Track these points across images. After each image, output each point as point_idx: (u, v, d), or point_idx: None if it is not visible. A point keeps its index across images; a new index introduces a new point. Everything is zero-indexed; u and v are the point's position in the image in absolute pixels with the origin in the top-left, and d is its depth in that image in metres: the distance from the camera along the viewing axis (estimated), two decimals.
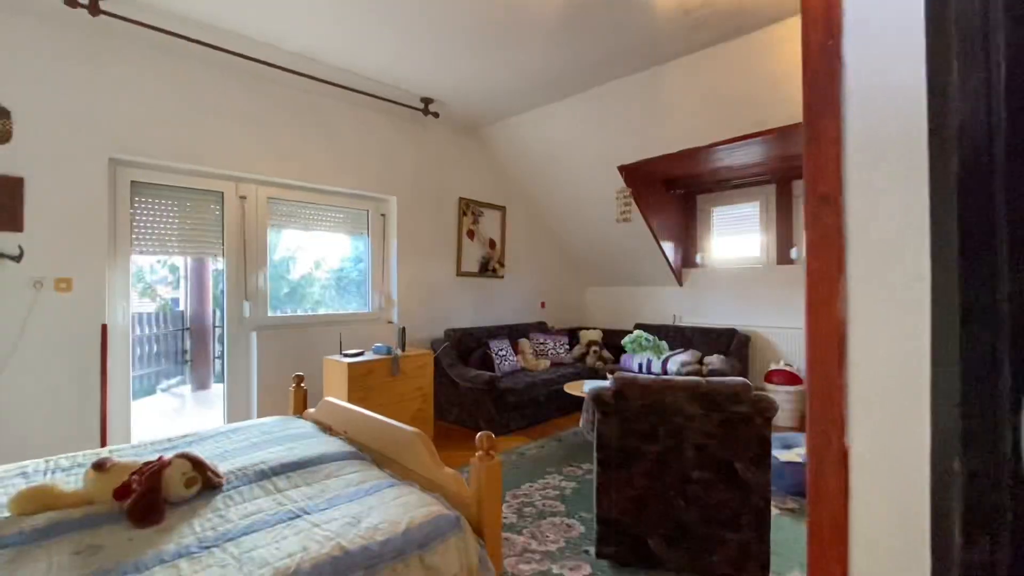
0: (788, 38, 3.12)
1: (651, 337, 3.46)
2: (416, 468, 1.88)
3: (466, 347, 4.61)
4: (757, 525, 2.03)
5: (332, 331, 3.99)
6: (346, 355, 3.53)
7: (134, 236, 3.23)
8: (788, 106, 3.52)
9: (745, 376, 4.83)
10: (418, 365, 3.73)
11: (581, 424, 2.44)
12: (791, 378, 4.43)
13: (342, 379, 3.34)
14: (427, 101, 4.16)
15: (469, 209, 5.00)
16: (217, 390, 5.18)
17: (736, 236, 5.43)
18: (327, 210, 4.16)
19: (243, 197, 3.67)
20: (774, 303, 4.96)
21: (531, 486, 2.99)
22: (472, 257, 5.08)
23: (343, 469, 1.87)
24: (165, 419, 4.97)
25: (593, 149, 4.61)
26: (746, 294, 5.16)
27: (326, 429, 2.43)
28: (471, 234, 5.04)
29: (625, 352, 4.96)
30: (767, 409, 2.03)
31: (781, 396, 4.41)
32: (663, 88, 3.76)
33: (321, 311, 4.19)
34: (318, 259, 4.25)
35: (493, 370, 4.38)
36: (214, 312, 5.89)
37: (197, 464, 1.68)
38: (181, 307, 6.24)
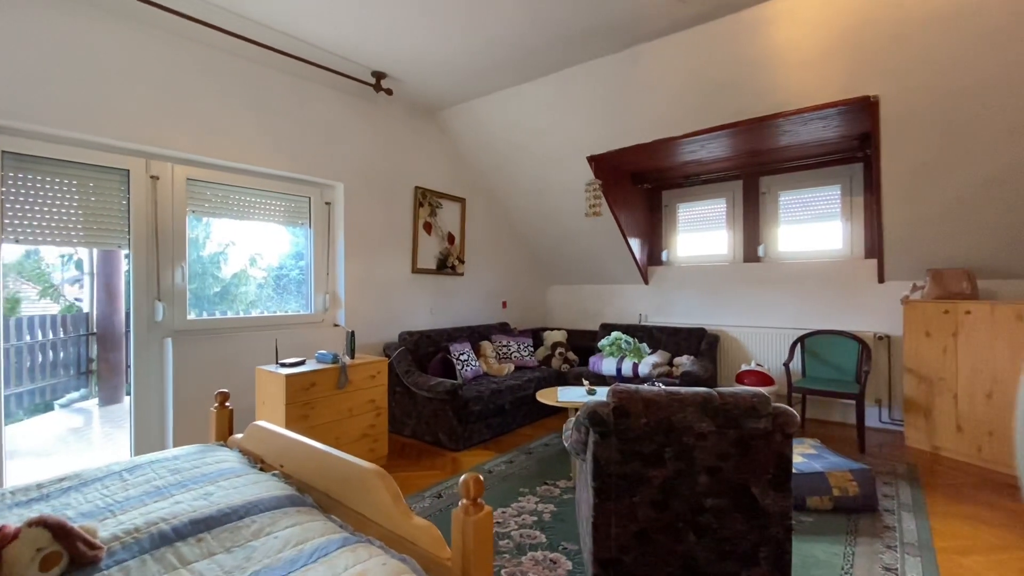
0: (773, 20, 2.92)
1: (631, 340, 3.18)
2: (375, 517, 1.46)
3: (424, 352, 4.17)
4: (777, 558, 1.77)
5: (267, 337, 3.44)
6: (284, 365, 3.02)
7: (6, 221, 2.57)
8: (769, 95, 3.34)
9: (715, 377, 4.68)
10: (370, 374, 3.26)
11: (568, 444, 2.10)
12: (763, 379, 4.30)
13: (278, 393, 2.83)
14: (379, 76, 3.69)
15: (426, 200, 4.55)
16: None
17: (702, 233, 5.29)
18: (261, 196, 3.60)
19: (155, 177, 3.06)
20: (742, 301, 4.85)
21: (504, 512, 2.62)
22: (429, 252, 4.63)
23: (277, 523, 1.42)
24: (61, 443, 4.19)
25: (562, 137, 4.29)
26: (713, 293, 5.02)
27: (257, 462, 1.95)
28: (428, 227, 4.59)
29: (594, 354, 4.69)
30: (788, 424, 1.76)
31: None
32: (640, 71, 3.49)
33: (255, 313, 3.62)
34: (253, 254, 3.68)
35: (455, 377, 3.96)
36: (127, 314, 5.10)
37: (60, 532, 1.19)
38: (86, 308, 5.39)
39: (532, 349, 4.86)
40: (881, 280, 4.14)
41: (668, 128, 3.88)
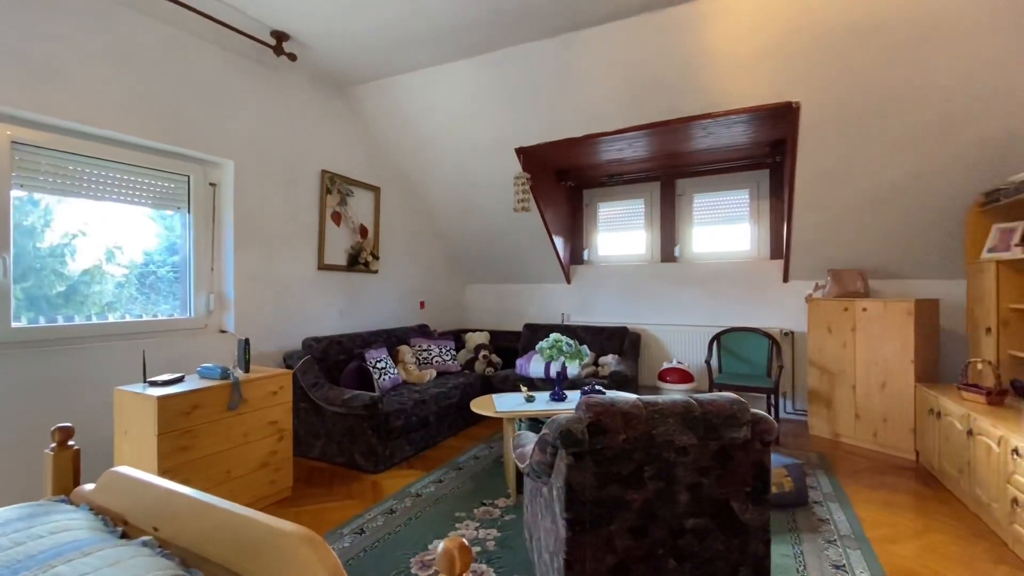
0: (712, 16, 2.90)
1: (572, 342, 2.99)
2: None
3: (334, 360, 3.64)
4: None
5: (131, 348, 2.74)
6: (154, 384, 2.39)
7: None
8: (701, 94, 3.35)
9: (637, 376, 4.70)
10: (270, 390, 2.72)
11: (527, 466, 1.82)
12: (684, 376, 4.39)
13: (147, 421, 2.22)
14: (280, 37, 3.13)
15: (335, 186, 4.01)
16: None
17: (622, 233, 5.32)
18: (125, 172, 2.86)
19: None
20: (661, 301, 4.94)
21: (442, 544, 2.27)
22: (339, 246, 4.09)
23: None
24: None
25: (490, 126, 4.01)
26: (633, 292, 5.06)
27: (117, 524, 1.42)
28: (337, 217, 4.05)
29: (520, 356, 4.48)
30: (767, 431, 1.65)
31: (675, 395, 4.33)
32: (575, 60, 3.32)
33: (112, 318, 2.87)
34: (111, 246, 2.91)
35: (372, 388, 3.50)
36: None
37: None
38: None
39: (454, 353, 4.52)
40: (786, 280, 4.41)
41: (599, 123, 3.77)
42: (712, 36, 2.98)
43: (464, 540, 0.92)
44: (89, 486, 1.62)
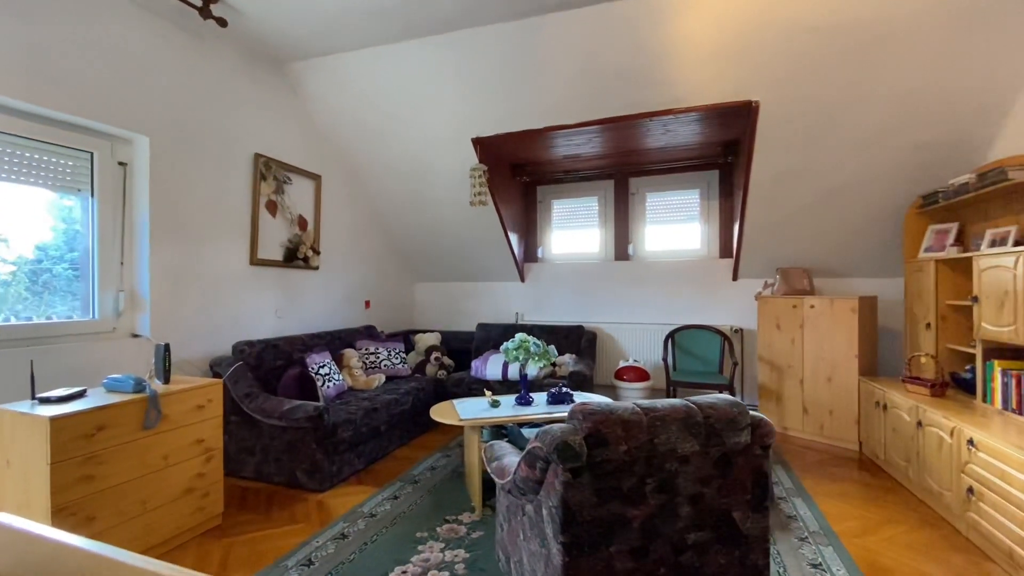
0: (677, 8, 2.84)
1: (540, 342, 2.82)
2: None
3: (270, 367, 3.26)
4: None
5: (15, 358, 2.26)
6: (46, 401, 1.96)
7: None
8: (665, 89, 3.30)
9: (593, 375, 4.63)
10: (195, 404, 2.33)
11: (509, 482, 1.63)
12: (640, 374, 4.36)
13: (36, 447, 1.80)
14: None
15: (270, 172, 3.60)
16: None
17: (576, 231, 5.25)
18: (8, 143, 2.36)
19: None
20: (615, 299, 4.91)
21: (404, 572, 2.02)
22: (274, 239, 3.68)
23: None
24: None
25: (446, 113, 3.76)
26: (588, 290, 5.00)
27: None
28: (272, 207, 3.65)
29: (477, 357, 4.26)
30: (767, 435, 1.56)
31: (634, 393, 4.31)
32: (539, 45, 3.17)
33: None
34: None
35: (315, 396, 3.16)
36: None
37: None
38: None
39: (404, 356, 4.23)
40: (735, 278, 4.51)
41: (560, 115, 3.64)
42: (677, 29, 2.93)
43: None
44: None
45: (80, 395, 2.06)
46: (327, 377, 3.36)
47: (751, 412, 1.58)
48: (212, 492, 2.41)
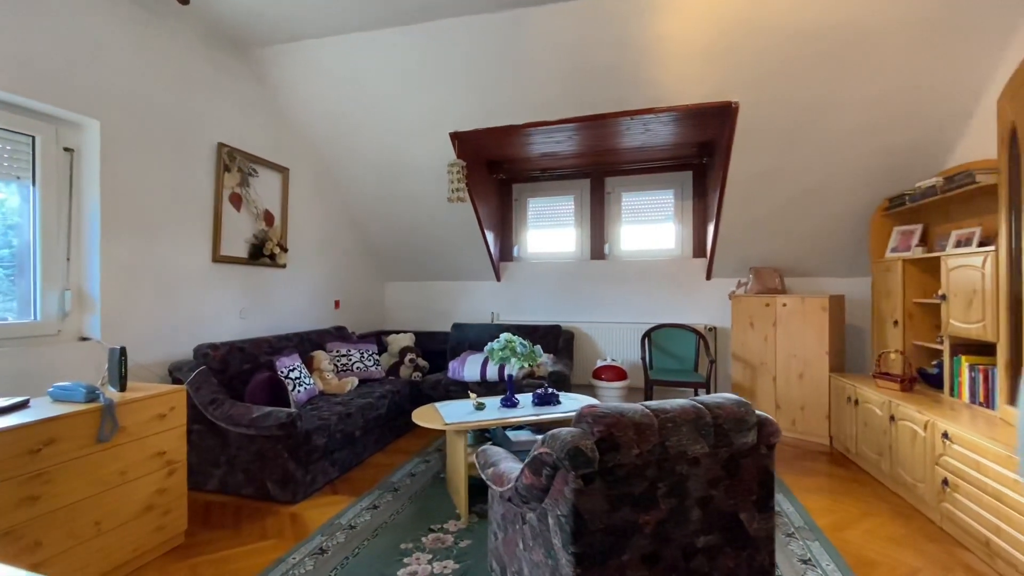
0: (662, 6, 2.82)
1: (526, 342, 2.75)
2: None
3: (236, 371, 3.05)
4: None
5: None
6: None
7: None
8: (647, 88, 3.29)
9: (570, 375, 4.60)
10: (156, 413, 2.14)
11: (509, 490, 1.55)
12: (619, 374, 4.36)
13: None
14: None
15: (235, 163, 3.38)
16: None
17: (552, 230, 5.21)
18: None
19: None
20: (591, 298, 4.90)
21: None
22: (238, 235, 3.46)
23: None
24: None
25: (423, 106, 3.63)
26: (564, 290, 4.97)
27: None
28: (237, 200, 3.42)
29: (454, 358, 4.15)
30: (772, 434, 1.54)
31: (612, 393, 4.30)
32: (523, 39, 3.09)
33: None
34: None
35: (285, 402, 2.98)
36: None
37: None
38: None
39: (377, 357, 4.07)
40: (708, 277, 4.58)
41: (541, 111, 3.58)
42: (660, 27, 2.91)
43: None
44: None
45: (22, 406, 1.84)
46: (297, 381, 3.17)
47: (756, 411, 1.56)
48: (175, 509, 2.21)
